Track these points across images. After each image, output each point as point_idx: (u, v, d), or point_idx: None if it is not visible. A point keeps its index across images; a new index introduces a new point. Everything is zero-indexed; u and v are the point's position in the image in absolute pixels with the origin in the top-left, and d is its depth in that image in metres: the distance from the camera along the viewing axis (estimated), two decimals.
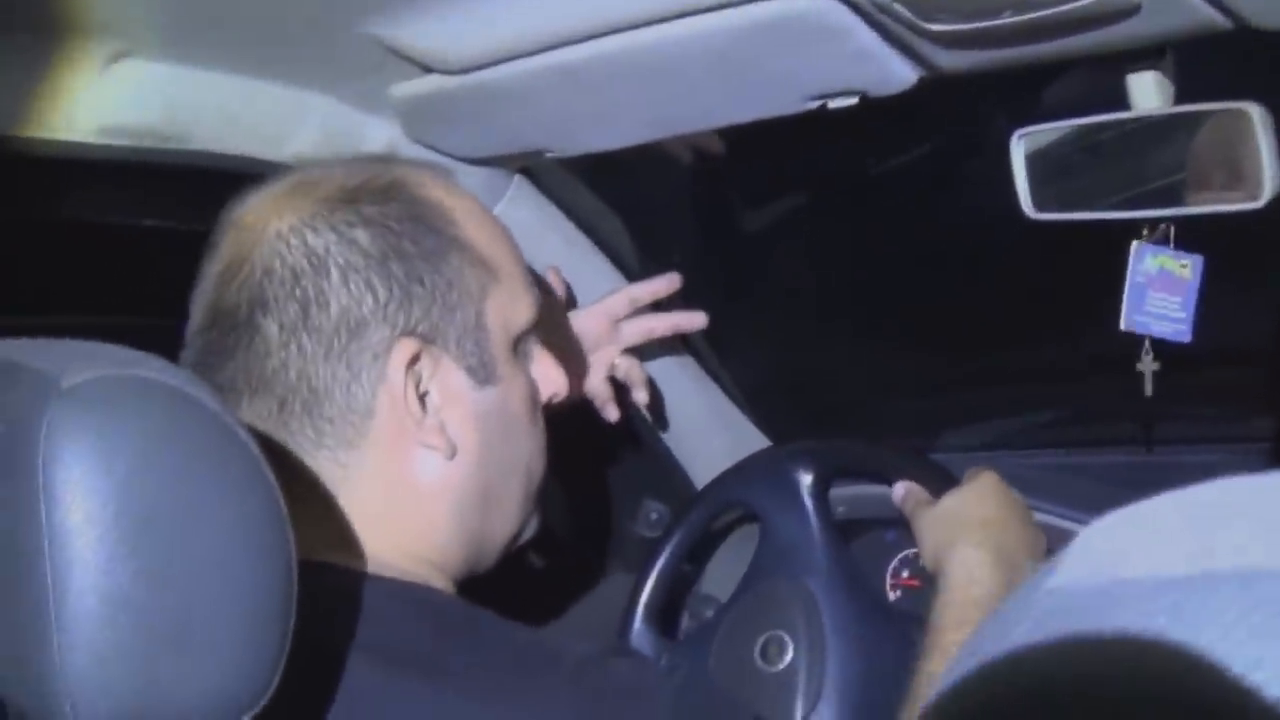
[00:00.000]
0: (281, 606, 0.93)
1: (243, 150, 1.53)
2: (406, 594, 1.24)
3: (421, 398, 1.27)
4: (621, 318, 1.82)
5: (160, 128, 1.43)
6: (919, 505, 1.71)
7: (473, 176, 1.70)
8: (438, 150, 1.68)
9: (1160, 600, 0.48)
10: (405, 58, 1.44)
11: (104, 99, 1.38)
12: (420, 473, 1.28)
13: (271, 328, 1.24)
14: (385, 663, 1.15)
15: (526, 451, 1.37)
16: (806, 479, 1.83)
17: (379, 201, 1.28)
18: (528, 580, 1.76)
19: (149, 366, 0.91)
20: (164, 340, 1.20)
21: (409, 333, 1.25)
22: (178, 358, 1.22)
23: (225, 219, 1.32)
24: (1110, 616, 0.49)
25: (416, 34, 1.39)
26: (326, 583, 1.18)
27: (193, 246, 1.58)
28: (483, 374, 1.30)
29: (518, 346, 1.35)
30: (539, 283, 1.49)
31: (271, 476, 0.94)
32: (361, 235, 1.25)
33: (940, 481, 1.73)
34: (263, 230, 1.26)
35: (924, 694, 1.44)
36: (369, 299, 1.24)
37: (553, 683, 1.20)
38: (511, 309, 1.33)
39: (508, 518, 1.37)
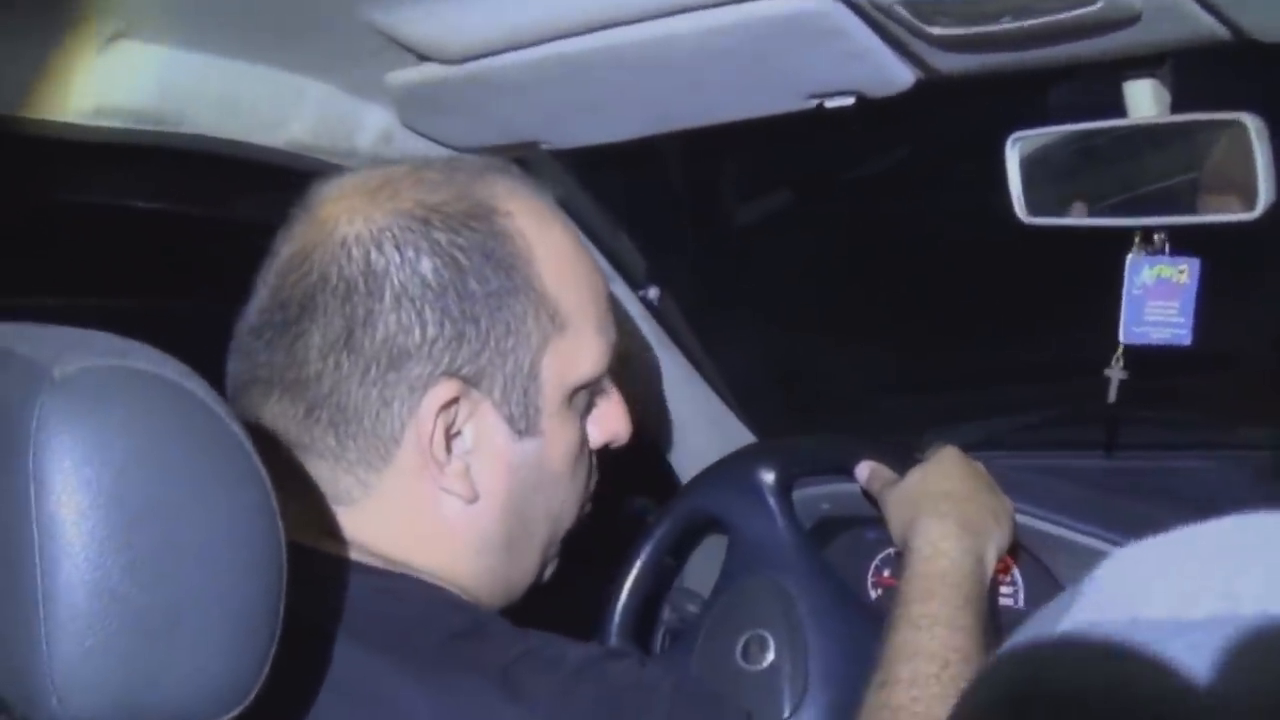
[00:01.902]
0: (271, 601, 0.92)
1: (238, 134, 1.52)
2: (412, 591, 1.23)
3: (452, 438, 1.24)
4: None
5: (156, 110, 1.42)
6: (885, 485, 1.72)
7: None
8: (432, 138, 1.68)
9: (1180, 640, 0.48)
10: (402, 45, 1.43)
11: (100, 80, 1.37)
12: (441, 510, 1.25)
13: (315, 336, 1.21)
14: (385, 658, 1.15)
15: (558, 503, 1.34)
16: (769, 479, 1.84)
17: (454, 228, 1.23)
18: None
19: (142, 357, 0.90)
20: (157, 323, 1.19)
21: (451, 373, 1.22)
22: (169, 341, 1.20)
23: (305, 199, 1.29)
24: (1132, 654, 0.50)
25: (414, 22, 1.38)
26: (327, 574, 1.19)
27: (187, 229, 1.58)
28: (524, 425, 1.27)
29: (574, 398, 1.31)
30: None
31: (263, 471, 0.93)
32: (426, 264, 1.21)
33: (902, 460, 1.74)
34: (331, 230, 1.23)
35: (890, 665, 1.45)
36: (416, 331, 1.20)
37: (556, 683, 1.19)
38: (573, 361, 1.29)
39: (530, 562, 1.35)
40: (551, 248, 1.29)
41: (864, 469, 1.79)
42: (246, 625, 0.91)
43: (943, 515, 1.58)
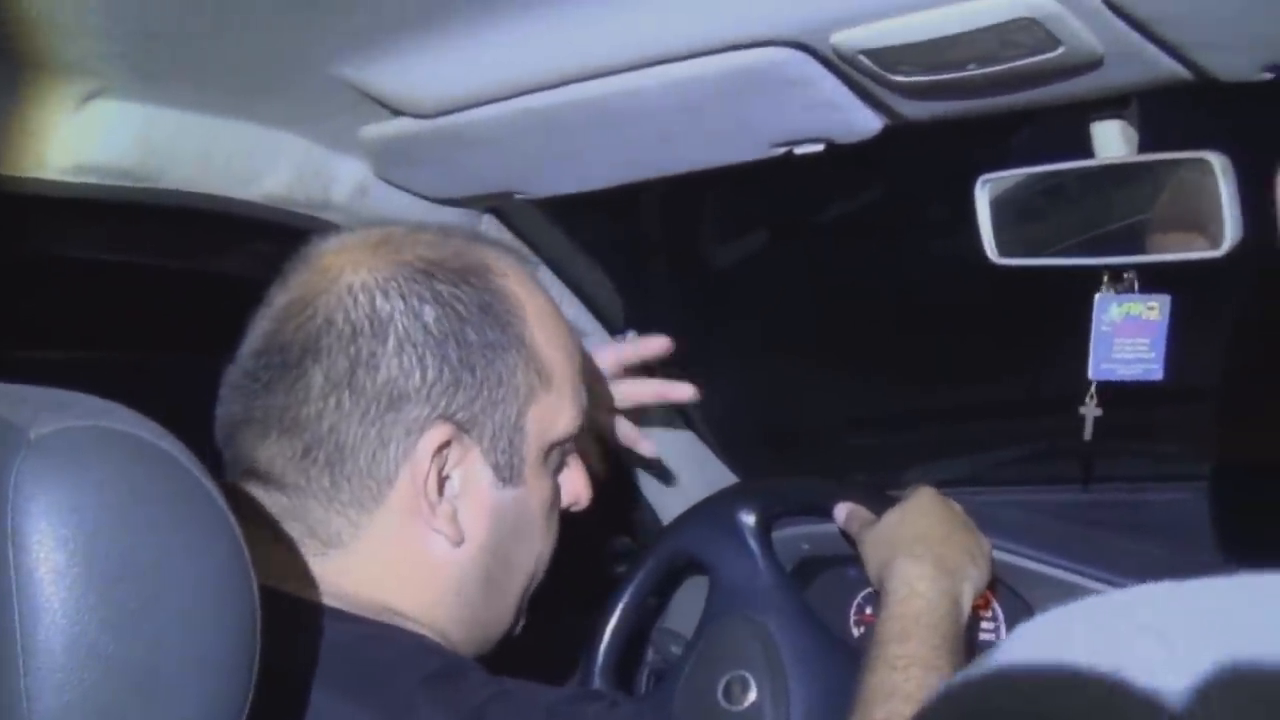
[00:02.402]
0: (245, 654, 0.93)
1: (214, 189, 1.53)
2: (390, 636, 1.25)
3: (442, 481, 1.27)
4: (608, 378, 1.82)
5: (133, 166, 1.43)
6: (862, 525, 1.73)
7: (442, 216, 1.71)
8: (408, 190, 1.69)
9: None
10: (376, 100, 1.45)
11: (78, 137, 1.38)
12: (427, 550, 1.28)
13: (317, 376, 1.24)
14: (362, 704, 1.16)
15: (534, 553, 1.38)
16: (749, 520, 1.85)
17: (455, 282, 1.28)
18: None
19: (117, 418, 0.91)
20: (136, 376, 1.20)
21: (446, 418, 1.25)
22: (150, 393, 1.21)
23: (302, 253, 1.33)
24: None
25: (386, 77, 1.40)
26: (306, 622, 1.20)
27: (165, 283, 1.58)
28: (508, 473, 1.31)
29: (550, 454, 1.36)
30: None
31: (236, 528, 0.94)
32: (429, 312, 1.26)
33: (879, 501, 1.75)
34: (335, 278, 1.27)
35: (866, 705, 1.46)
36: (417, 375, 1.24)
37: None
38: (553, 418, 1.34)
39: (505, 609, 1.38)
40: (539, 309, 1.34)
41: (842, 510, 1.80)
42: (222, 677, 0.92)
43: (918, 557, 1.60)
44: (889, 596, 1.58)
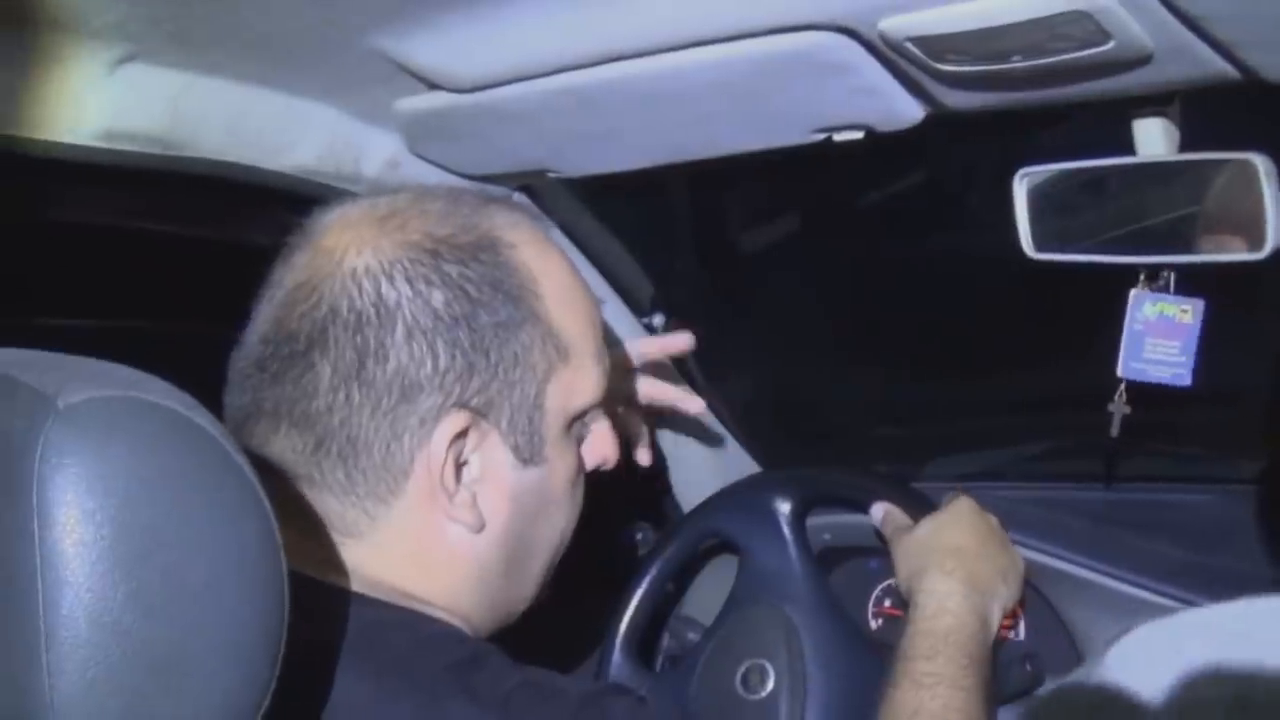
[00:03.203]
0: (273, 634, 0.92)
1: (245, 158, 1.52)
2: (413, 623, 1.23)
3: (460, 468, 1.24)
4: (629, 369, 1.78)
5: (164, 133, 1.42)
6: (897, 530, 1.72)
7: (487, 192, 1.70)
8: (439, 165, 1.68)
9: None
10: (412, 73, 1.43)
11: (109, 102, 1.37)
12: (447, 538, 1.25)
13: (325, 369, 1.21)
14: (385, 690, 1.14)
15: (558, 529, 1.35)
16: (785, 508, 1.84)
17: (463, 260, 1.23)
18: None
19: (148, 388, 0.90)
20: (163, 345, 1.19)
21: (462, 405, 1.22)
22: (174, 364, 1.19)
23: (307, 227, 1.29)
24: None
25: (424, 50, 1.38)
26: (330, 606, 1.18)
27: (194, 252, 1.57)
28: (528, 453, 1.27)
29: (572, 426, 1.32)
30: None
31: (267, 503, 0.93)
32: (437, 296, 1.21)
33: (918, 506, 1.74)
34: (339, 262, 1.23)
35: None
36: (429, 363, 1.20)
37: (556, 716, 1.19)
38: (574, 389, 1.30)
39: (528, 587, 1.35)
40: (553, 278, 1.29)
41: (879, 510, 1.79)
42: (248, 657, 0.90)
43: (949, 572, 1.59)
44: (918, 610, 1.57)
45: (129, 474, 0.85)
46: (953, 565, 1.59)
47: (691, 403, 1.82)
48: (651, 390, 1.78)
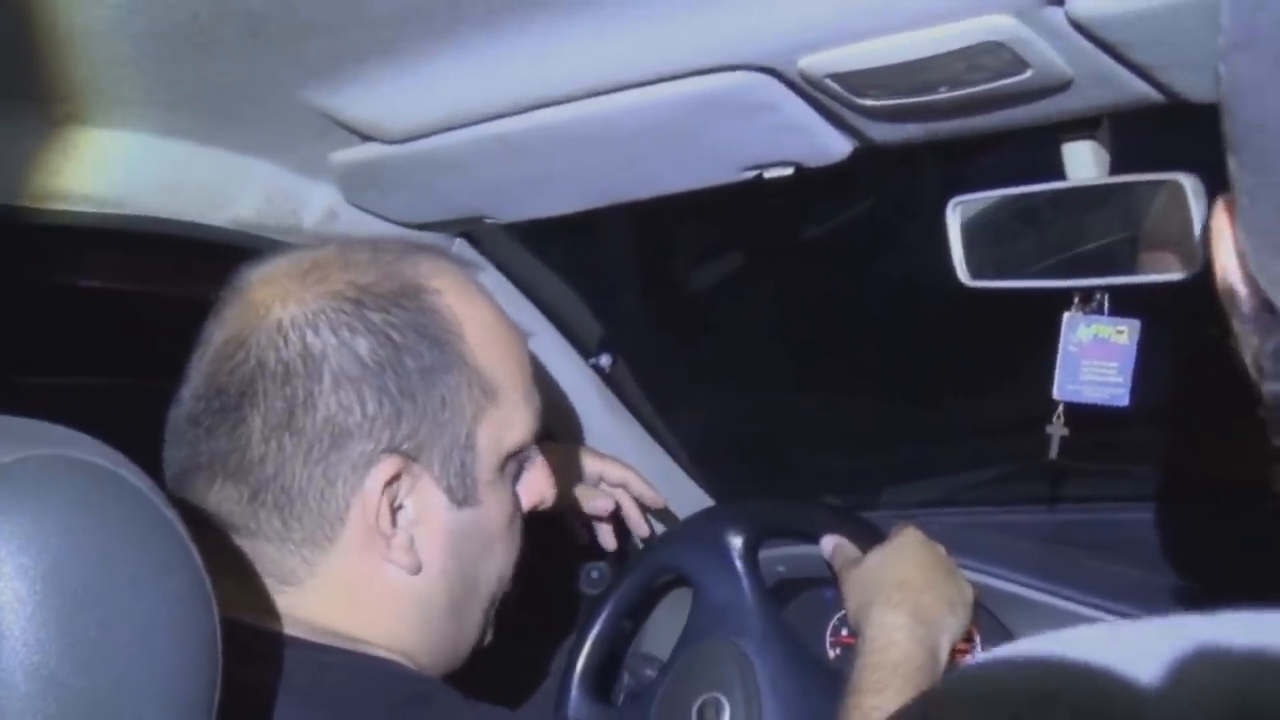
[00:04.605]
0: (207, 683, 0.92)
1: (184, 214, 1.52)
2: (357, 664, 1.24)
3: (396, 511, 1.25)
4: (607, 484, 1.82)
5: (100, 193, 1.43)
6: (846, 563, 1.72)
7: (413, 241, 1.70)
8: (378, 214, 1.69)
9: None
10: (344, 126, 1.44)
11: (44, 164, 1.37)
12: (387, 581, 1.26)
13: (256, 421, 1.21)
14: None
15: (497, 567, 1.36)
16: (737, 541, 1.85)
17: (386, 307, 1.25)
18: None
19: (78, 446, 0.90)
20: (102, 400, 1.19)
21: (392, 449, 1.23)
22: (116, 418, 1.19)
23: (235, 283, 1.30)
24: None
25: (355, 103, 1.39)
26: (271, 651, 1.18)
27: (134, 308, 1.57)
28: (462, 494, 1.28)
29: (506, 465, 1.33)
30: None
31: (197, 556, 0.93)
32: (362, 344, 1.22)
33: (867, 537, 1.75)
34: (265, 314, 1.24)
35: None
36: (357, 410, 1.21)
37: None
38: (505, 430, 1.31)
39: (471, 627, 1.36)
40: (478, 321, 1.31)
41: (829, 543, 1.80)
42: (184, 706, 0.90)
43: (895, 605, 1.59)
44: (866, 644, 1.57)
45: (61, 531, 0.85)
46: (899, 598, 1.60)
47: (640, 528, 1.87)
48: (602, 504, 1.82)
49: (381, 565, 1.25)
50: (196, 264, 1.59)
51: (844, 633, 1.98)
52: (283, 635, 1.22)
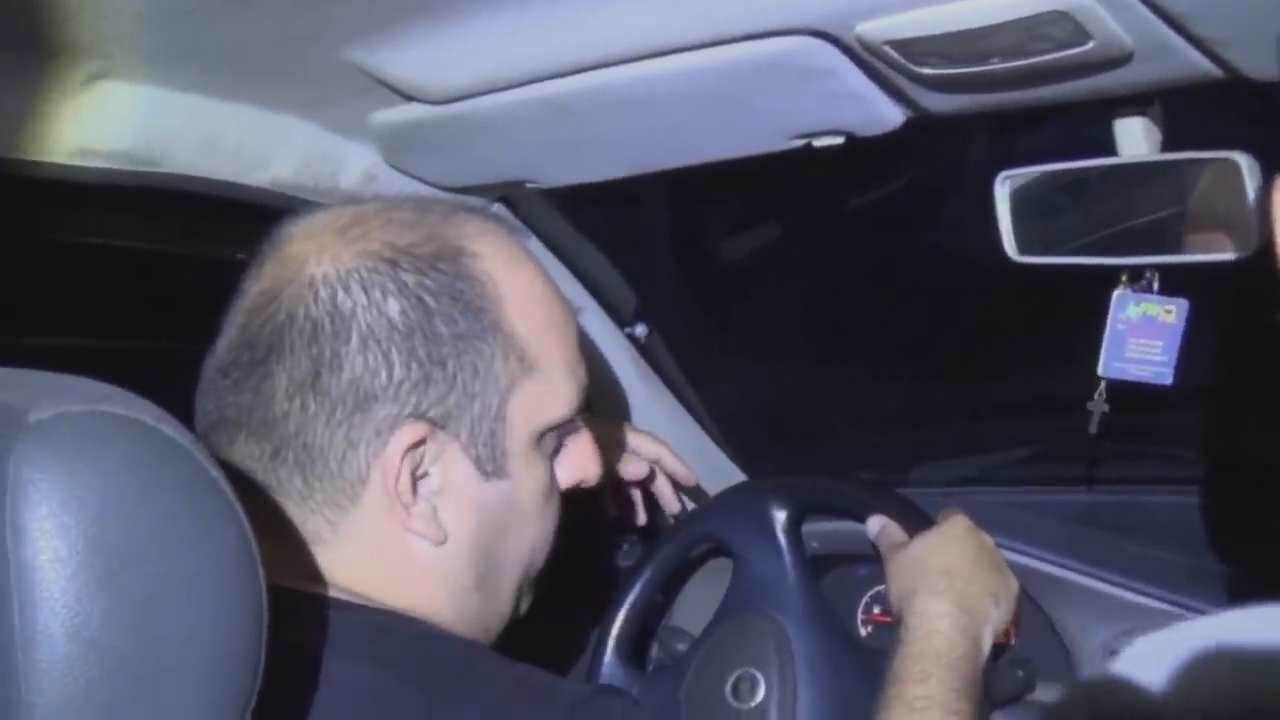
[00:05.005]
0: (253, 644, 0.91)
1: (220, 174, 1.51)
2: (398, 623, 1.22)
3: (419, 480, 1.23)
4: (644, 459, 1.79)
5: (137, 151, 1.41)
6: (891, 546, 1.70)
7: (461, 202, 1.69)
8: (417, 177, 1.67)
9: None
10: (387, 86, 1.42)
11: (82, 120, 1.36)
12: (411, 551, 1.24)
13: (281, 378, 1.20)
14: (369, 694, 1.14)
15: (529, 543, 1.33)
16: (781, 515, 1.83)
17: (422, 269, 1.22)
18: None
19: (118, 401, 0.89)
20: (139, 363, 1.18)
21: (418, 415, 1.21)
22: (151, 381, 1.18)
23: (275, 236, 1.29)
24: None
25: (398, 62, 1.37)
26: (313, 612, 1.18)
27: (170, 269, 1.56)
28: (491, 466, 1.26)
29: (542, 440, 1.30)
30: None
31: (242, 513, 0.92)
32: (393, 305, 1.20)
33: (914, 521, 1.73)
34: (299, 269, 1.22)
35: None
36: (383, 373, 1.20)
37: (550, 715, 1.19)
38: (542, 403, 1.29)
39: (502, 602, 1.34)
40: (520, 289, 1.28)
41: (875, 523, 1.77)
42: (229, 668, 0.89)
43: (940, 594, 1.57)
44: (908, 631, 1.55)
45: (102, 488, 0.84)
46: (944, 586, 1.58)
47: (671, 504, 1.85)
48: (638, 470, 1.79)
49: (404, 534, 1.24)
50: (232, 225, 1.58)
51: (876, 610, 1.98)
52: (321, 596, 1.21)
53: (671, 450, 1.80)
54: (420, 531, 1.23)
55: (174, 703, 0.86)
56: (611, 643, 1.84)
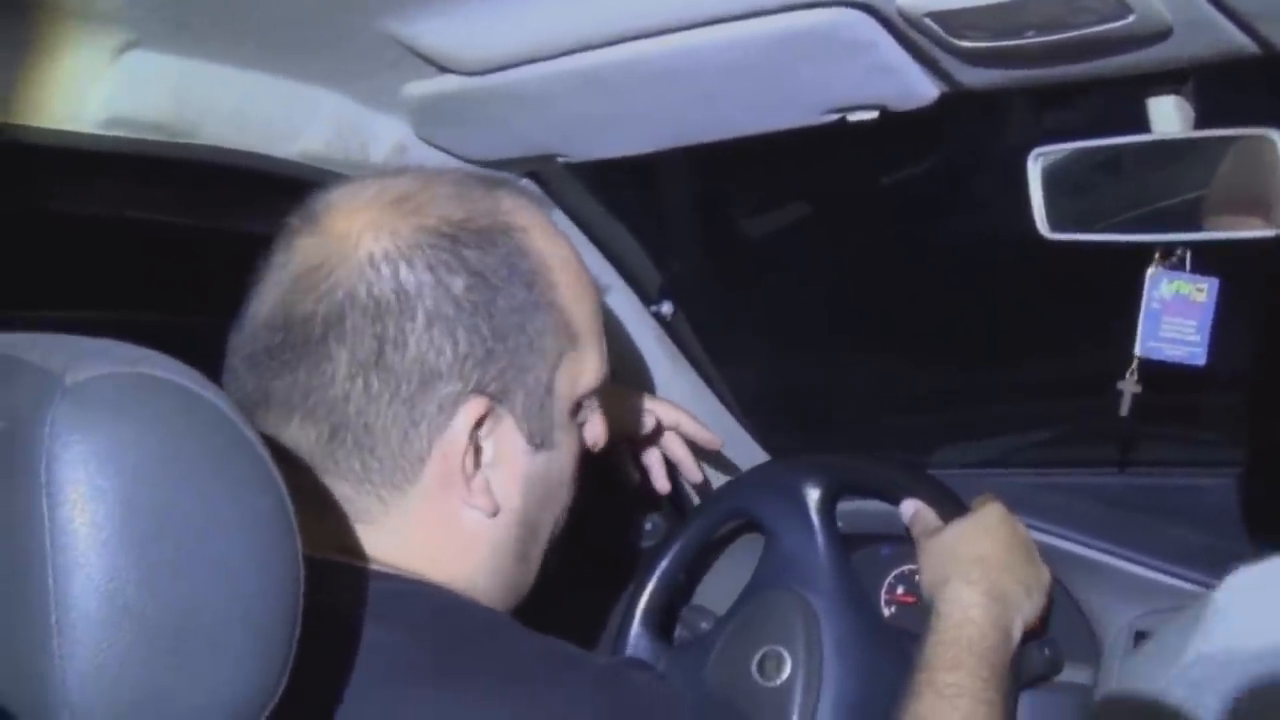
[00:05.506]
0: (289, 611, 0.91)
1: (251, 146, 1.50)
2: (430, 594, 1.23)
3: (476, 453, 1.24)
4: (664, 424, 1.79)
5: (168, 121, 1.40)
6: (925, 532, 1.70)
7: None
8: (447, 151, 1.66)
9: None
10: (420, 56, 1.42)
11: (111, 90, 1.35)
12: (462, 523, 1.25)
13: (342, 357, 1.19)
14: (400, 663, 1.14)
15: (561, 510, 1.35)
16: (814, 493, 1.83)
17: (482, 246, 1.23)
18: None
19: (155, 364, 0.89)
20: (170, 336, 1.17)
21: (480, 391, 1.21)
22: (179, 354, 1.18)
23: (307, 210, 1.28)
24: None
25: (433, 33, 1.37)
26: (347, 583, 1.18)
27: (198, 241, 1.55)
28: (540, 437, 1.27)
29: (578, 410, 1.32)
30: None
31: (280, 479, 0.92)
32: (458, 283, 1.20)
33: (949, 506, 1.73)
34: (354, 246, 1.21)
35: None
36: (449, 350, 1.20)
37: (575, 687, 1.19)
38: (581, 373, 1.30)
39: (533, 569, 1.35)
40: (562, 262, 1.30)
41: (909, 507, 1.78)
42: (265, 634, 0.90)
43: (973, 582, 1.58)
44: (940, 618, 1.56)
45: (139, 451, 0.84)
46: (977, 575, 1.58)
47: (693, 473, 1.84)
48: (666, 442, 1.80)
49: (458, 507, 1.25)
50: (261, 197, 1.57)
51: (900, 591, 1.97)
52: (358, 568, 1.21)
53: (691, 415, 1.80)
54: (477, 503, 1.24)
55: (210, 666, 0.86)
56: (639, 614, 1.84)
